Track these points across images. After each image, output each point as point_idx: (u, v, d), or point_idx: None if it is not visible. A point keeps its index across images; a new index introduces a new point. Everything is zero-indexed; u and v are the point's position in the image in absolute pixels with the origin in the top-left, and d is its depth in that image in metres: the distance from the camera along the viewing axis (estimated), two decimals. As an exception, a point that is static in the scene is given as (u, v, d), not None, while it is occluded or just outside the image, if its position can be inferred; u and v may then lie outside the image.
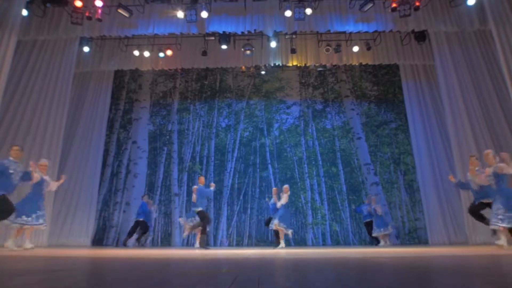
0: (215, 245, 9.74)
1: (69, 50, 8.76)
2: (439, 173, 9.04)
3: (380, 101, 11.12)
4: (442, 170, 8.97)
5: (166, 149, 10.83)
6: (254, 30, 8.58)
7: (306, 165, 10.57)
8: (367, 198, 9.28)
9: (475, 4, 7.86)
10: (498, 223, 4.93)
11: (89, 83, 10.41)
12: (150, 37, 9.51)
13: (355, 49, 9.67)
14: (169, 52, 9.70)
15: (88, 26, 8.35)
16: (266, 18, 8.44)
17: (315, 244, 9.64)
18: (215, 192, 10.34)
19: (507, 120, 7.92)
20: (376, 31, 8.89)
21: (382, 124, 10.87)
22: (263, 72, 11.23)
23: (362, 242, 9.46)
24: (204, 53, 9.70)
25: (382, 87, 11.25)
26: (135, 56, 9.78)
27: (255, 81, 11.56)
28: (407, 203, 9.93)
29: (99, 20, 8.07)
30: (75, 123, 9.93)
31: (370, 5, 7.95)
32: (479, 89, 8.20)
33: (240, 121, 11.14)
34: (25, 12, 7.92)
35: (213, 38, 9.60)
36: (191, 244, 9.71)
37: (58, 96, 8.50)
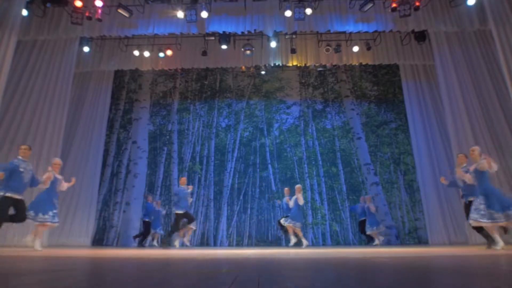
0: (215, 245, 9.74)
1: (69, 50, 8.76)
2: (439, 173, 9.02)
3: (380, 101, 11.12)
4: (442, 170, 8.97)
5: (166, 149, 10.83)
6: (254, 30, 8.58)
7: (306, 165, 10.57)
8: (362, 198, 9.27)
9: (475, 4, 7.86)
10: (478, 219, 4.90)
11: (89, 83, 10.42)
12: (150, 37, 9.52)
13: (355, 49, 9.68)
14: (169, 52, 9.71)
15: (88, 26, 8.35)
16: (266, 18, 8.44)
17: (315, 244, 9.64)
18: (215, 192, 10.37)
19: (507, 120, 7.92)
20: (376, 31, 8.89)
21: (382, 124, 10.87)
22: (263, 72, 11.23)
23: (362, 242, 9.45)
24: (204, 53, 9.70)
25: (382, 87, 11.25)
26: (135, 56, 9.78)
27: (255, 81, 11.56)
28: (407, 203, 9.93)
29: (99, 20, 8.07)
30: (75, 123, 9.94)
31: (370, 5, 7.95)
32: (479, 89, 8.20)
33: (240, 121, 11.14)
34: (25, 12, 7.92)
35: (213, 38, 9.60)
36: (191, 244, 9.72)
37: (58, 96, 8.50)
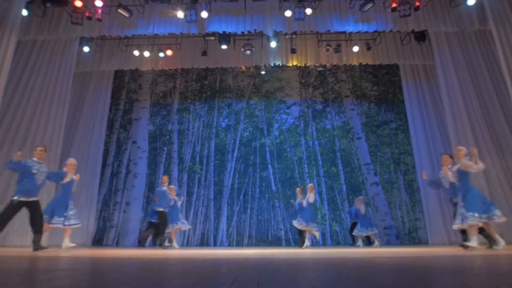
0: (215, 245, 9.74)
1: (69, 50, 8.75)
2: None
3: (380, 101, 11.12)
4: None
5: (166, 149, 10.82)
6: (254, 30, 8.58)
7: (306, 165, 10.57)
8: (355, 200, 9.23)
9: (475, 4, 7.85)
10: (463, 222, 4.85)
11: (89, 83, 10.41)
12: (150, 37, 9.51)
13: (355, 49, 9.67)
14: (169, 52, 9.70)
15: (88, 26, 8.35)
16: (266, 18, 8.44)
17: (315, 244, 9.63)
18: (215, 192, 10.37)
19: (507, 120, 7.91)
20: (376, 31, 8.89)
21: (382, 124, 10.86)
22: (263, 72, 11.23)
23: (362, 242, 9.44)
24: (204, 53, 9.69)
25: (382, 87, 11.24)
26: (135, 56, 9.78)
27: (255, 81, 11.56)
28: (407, 203, 9.92)
29: (99, 20, 8.07)
30: (75, 123, 9.93)
31: (370, 5, 7.94)
32: (479, 89, 8.19)
33: (240, 121, 11.13)
34: (25, 12, 7.91)
35: (213, 38, 9.59)
36: (191, 244, 9.72)
37: (58, 96, 8.49)
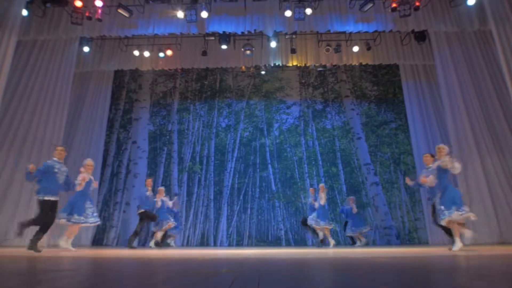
0: (215, 245, 9.74)
1: (69, 50, 8.75)
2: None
3: (380, 101, 11.12)
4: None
5: (166, 149, 10.82)
6: (254, 30, 8.57)
7: (306, 165, 10.57)
8: (347, 199, 9.22)
9: (475, 4, 7.84)
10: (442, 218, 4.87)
11: (89, 83, 10.41)
12: (150, 37, 9.51)
13: (355, 49, 9.66)
14: (169, 52, 9.70)
15: (88, 26, 8.34)
16: (266, 18, 8.43)
17: (315, 244, 9.62)
18: (215, 192, 10.37)
19: (507, 120, 7.91)
20: (376, 31, 8.88)
21: (382, 124, 10.86)
22: (263, 72, 11.23)
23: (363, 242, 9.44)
24: (204, 53, 9.69)
25: (382, 87, 11.24)
26: (135, 56, 9.77)
27: (255, 81, 11.56)
28: (407, 203, 9.92)
29: (99, 20, 8.06)
30: (75, 123, 9.93)
31: (370, 5, 7.93)
32: (479, 89, 8.19)
33: (240, 121, 11.13)
34: (25, 12, 7.91)
35: (213, 38, 9.59)
36: (191, 244, 9.71)
37: (58, 96, 8.49)
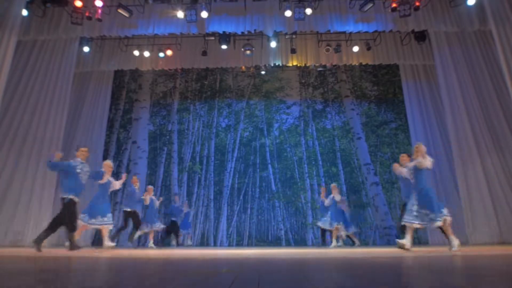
0: (215, 245, 9.74)
1: (69, 50, 8.75)
2: (439, 173, 9.02)
3: (380, 101, 11.12)
4: (442, 170, 8.96)
5: (166, 149, 10.82)
6: (254, 30, 8.57)
7: (306, 165, 10.57)
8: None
9: (475, 4, 7.84)
10: (412, 221, 4.76)
11: (89, 83, 10.40)
12: (150, 37, 9.50)
13: (355, 49, 9.66)
14: (169, 52, 9.69)
15: (88, 26, 8.34)
16: (266, 18, 8.43)
17: (315, 244, 9.64)
18: (215, 192, 10.37)
19: (507, 120, 7.91)
20: (376, 31, 8.88)
21: (382, 124, 10.86)
22: (263, 72, 11.23)
23: (362, 242, 9.45)
24: (204, 53, 9.69)
25: (382, 87, 11.24)
26: (135, 56, 9.77)
27: (255, 81, 11.56)
28: (407, 203, 9.91)
29: (99, 20, 8.06)
30: (75, 123, 9.92)
31: (370, 5, 7.93)
32: (479, 89, 8.19)
33: (240, 121, 11.13)
34: (25, 12, 7.90)
35: (213, 38, 9.59)
36: (193, 243, 9.71)
37: (58, 96, 8.49)
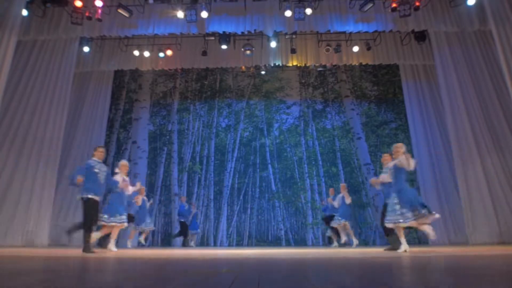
0: (215, 245, 9.74)
1: (69, 50, 8.75)
2: (439, 173, 9.03)
3: (380, 101, 11.12)
4: (442, 170, 8.96)
5: (166, 149, 10.82)
6: (254, 30, 8.57)
7: (306, 165, 10.57)
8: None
9: (475, 4, 7.84)
10: (394, 221, 4.74)
11: (89, 83, 10.40)
12: (150, 37, 9.50)
13: (355, 49, 9.66)
14: (169, 52, 9.69)
15: (88, 26, 8.34)
16: (266, 18, 8.43)
17: (315, 244, 9.64)
18: (215, 192, 10.37)
19: (507, 120, 7.91)
20: (376, 31, 8.88)
21: (382, 124, 10.86)
22: (263, 72, 11.23)
23: (362, 243, 9.45)
24: (204, 53, 9.68)
25: (382, 87, 11.24)
26: (135, 56, 9.77)
27: (255, 81, 11.56)
28: (407, 203, 9.91)
29: (99, 20, 8.06)
30: (75, 123, 9.92)
31: (370, 5, 7.93)
32: (479, 89, 8.19)
33: (240, 121, 11.13)
34: (25, 12, 7.90)
35: (213, 38, 9.58)
36: (197, 244, 9.70)
37: (58, 96, 8.49)
